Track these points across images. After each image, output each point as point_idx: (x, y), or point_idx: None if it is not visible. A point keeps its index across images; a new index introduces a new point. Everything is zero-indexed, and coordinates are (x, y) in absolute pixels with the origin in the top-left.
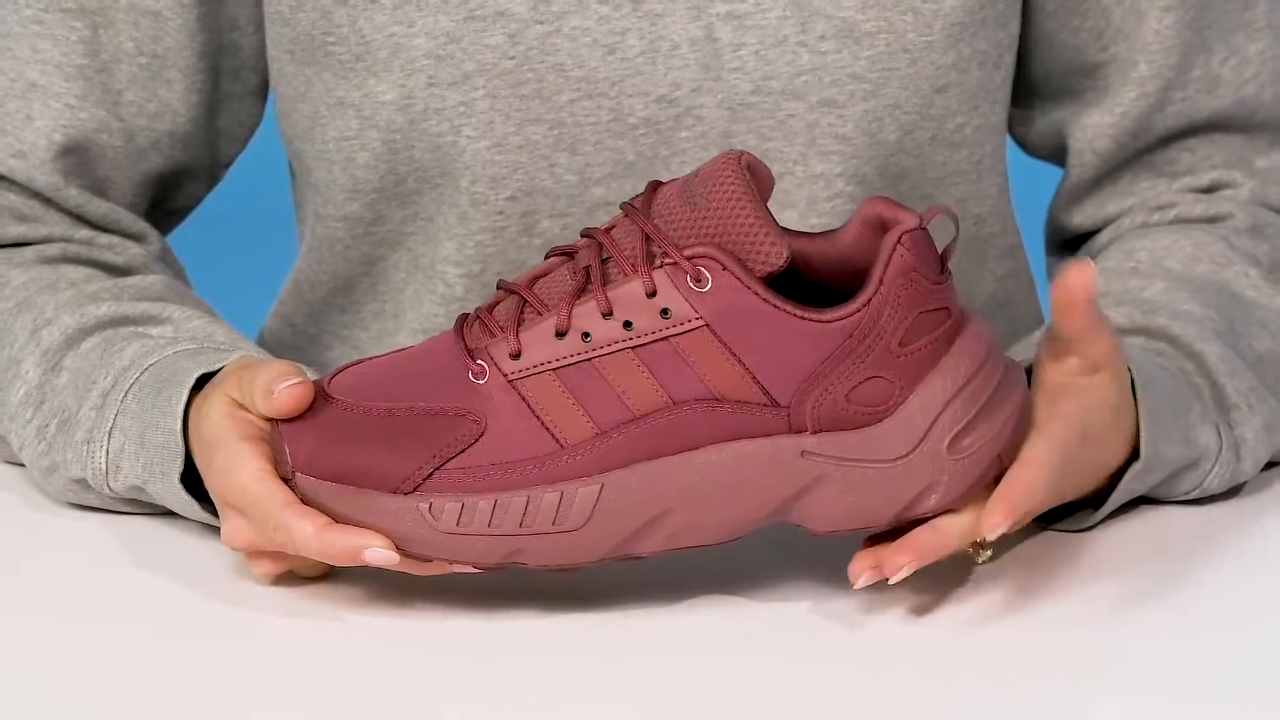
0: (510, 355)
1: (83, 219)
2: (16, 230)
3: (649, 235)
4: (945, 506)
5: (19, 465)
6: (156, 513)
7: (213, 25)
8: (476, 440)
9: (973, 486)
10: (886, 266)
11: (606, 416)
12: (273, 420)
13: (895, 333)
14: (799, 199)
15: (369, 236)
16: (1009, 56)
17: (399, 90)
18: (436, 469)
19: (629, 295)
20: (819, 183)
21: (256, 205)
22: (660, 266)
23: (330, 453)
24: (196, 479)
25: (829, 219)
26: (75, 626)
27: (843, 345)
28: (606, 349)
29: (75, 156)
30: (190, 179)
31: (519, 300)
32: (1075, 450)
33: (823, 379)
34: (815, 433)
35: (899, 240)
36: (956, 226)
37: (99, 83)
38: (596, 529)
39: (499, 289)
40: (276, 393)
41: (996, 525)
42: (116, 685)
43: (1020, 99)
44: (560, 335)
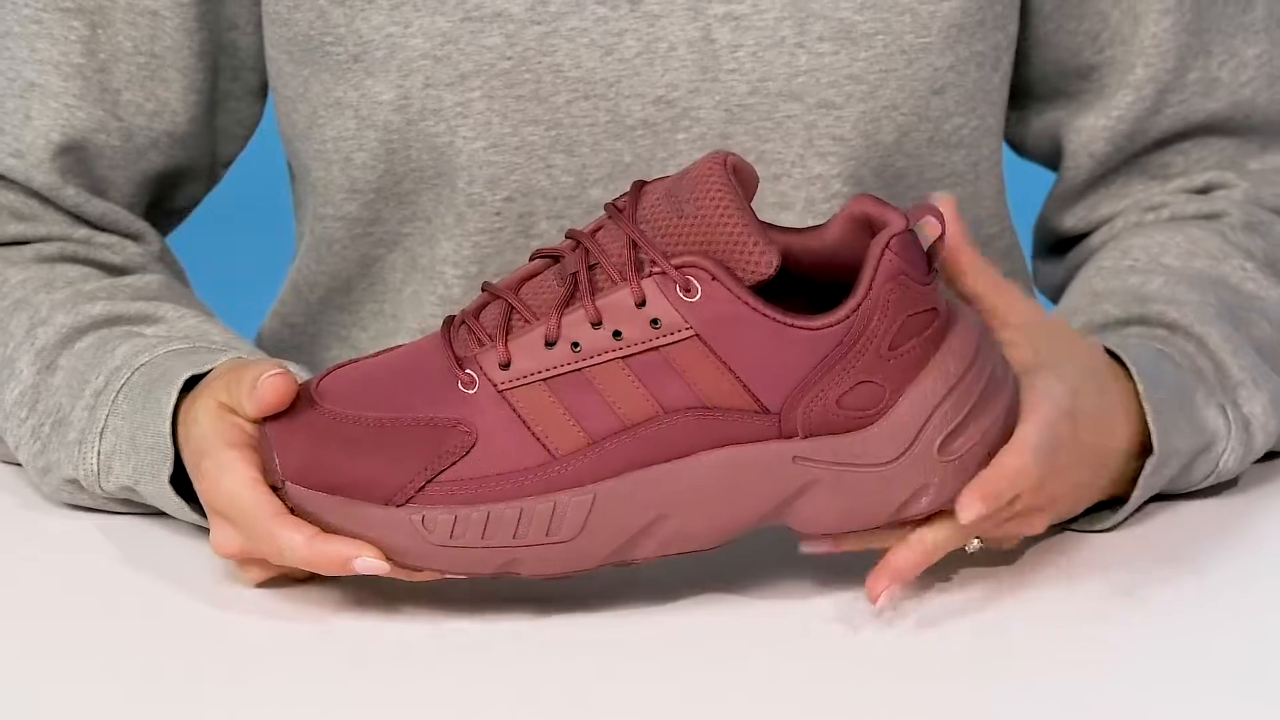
0: (500, 365)
1: (81, 218)
2: (15, 229)
3: (636, 242)
4: (937, 508)
5: (15, 465)
6: (149, 513)
7: (211, 25)
8: (468, 452)
9: (965, 487)
10: (875, 272)
11: (598, 426)
12: (262, 428)
13: (885, 337)
14: (796, 200)
15: (367, 237)
16: (1007, 58)
17: (396, 91)
18: (429, 481)
19: (618, 305)
20: (816, 184)
21: (256, 205)
22: (649, 275)
23: (320, 463)
24: (187, 480)
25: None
26: (67, 626)
27: (833, 352)
28: (596, 359)
29: (73, 156)
30: (189, 179)
31: (506, 306)
32: (1064, 428)
33: (813, 386)
34: (806, 437)
35: (886, 245)
36: (943, 224)
37: (97, 82)
38: (590, 538)
39: (484, 291)
40: (260, 383)
41: (971, 510)
42: (109, 685)
43: (1015, 101)
44: (550, 345)
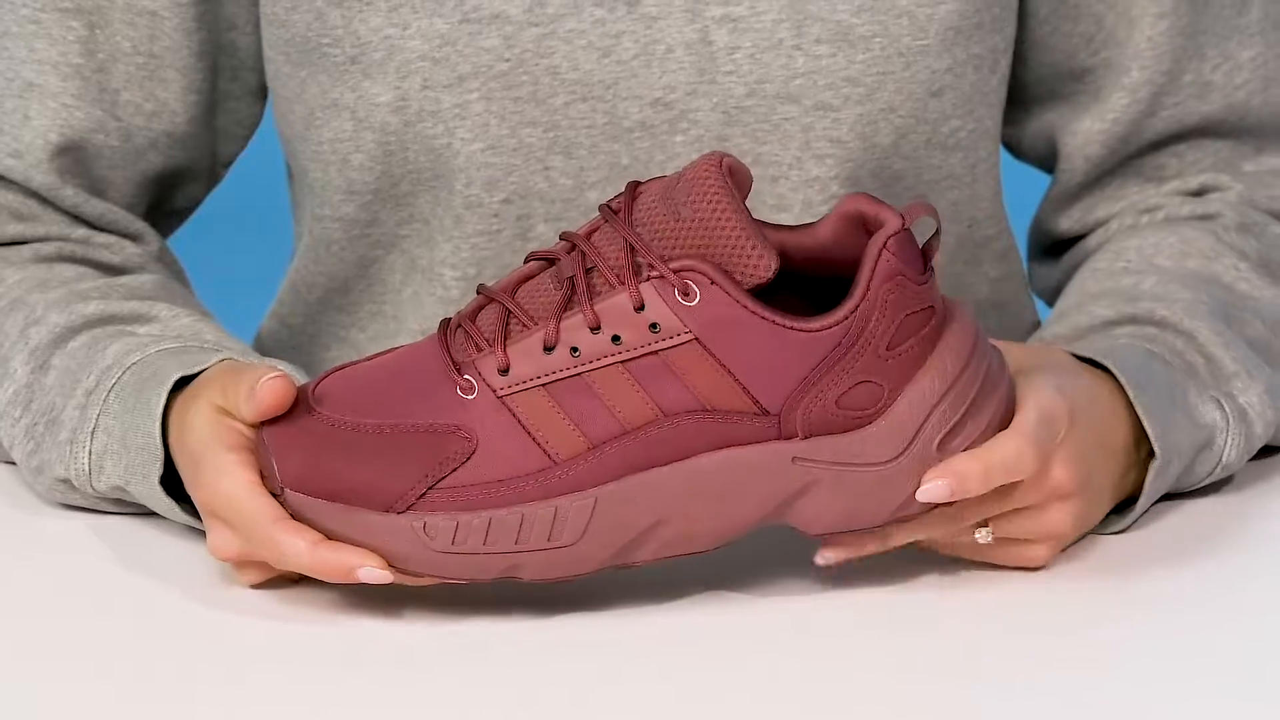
0: (498, 370)
1: (79, 218)
2: (13, 229)
3: (633, 246)
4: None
5: (8, 464)
6: (142, 513)
7: (210, 25)
8: (468, 458)
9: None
10: (872, 272)
11: (597, 430)
12: (259, 435)
13: (883, 337)
14: (794, 202)
15: (365, 238)
16: (1004, 60)
17: (394, 92)
18: (430, 488)
19: (616, 309)
20: (814, 186)
21: (255, 205)
22: (647, 280)
23: (320, 470)
24: (177, 480)
25: None
26: (60, 627)
27: (832, 353)
28: (595, 363)
29: (72, 156)
30: (189, 179)
31: (503, 310)
32: (1060, 415)
33: (812, 387)
34: (806, 438)
35: (884, 245)
36: (938, 221)
37: (96, 82)
38: (591, 542)
39: (479, 294)
40: (258, 387)
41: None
42: (103, 685)
43: (1010, 103)
44: (549, 350)
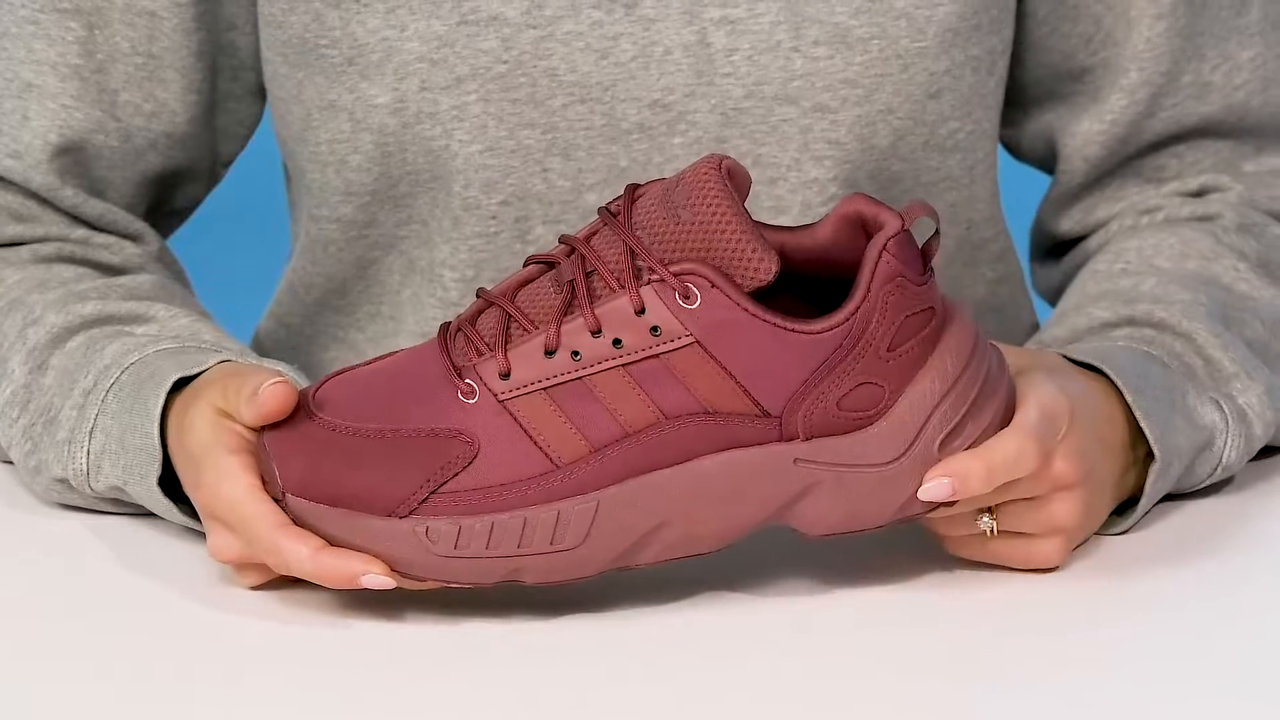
0: (499, 375)
1: (79, 219)
2: (13, 230)
3: (633, 249)
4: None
5: (6, 464)
6: (140, 513)
7: (210, 25)
8: (470, 463)
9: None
10: (873, 274)
11: (599, 434)
12: (260, 439)
13: (884, 338)
14: (792, 204)
15: (362, 239)
16: (1002, 62)
17: (391, 94)
18: (432, 493)
19: (617, 312)
20: (812, 188)
21: (254, 205)
22: (648, 283)
23: (322, 475)
24: (176, 481)
25: None
26: (59, 627)
27: (832, 355)
28: (597, 367)
29: (71, 157)
30: (189, 179)
31: (503, 315)
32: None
33: (813, 388)
34: (807, 440)
35: (884, 247)
36: (937, 221)
37: (95, 83)
38: (594, 546)
39: (479, 297)
40: (261, 391)
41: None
42: (102, 685)
43: (1009, 104)
44: (549, 354)
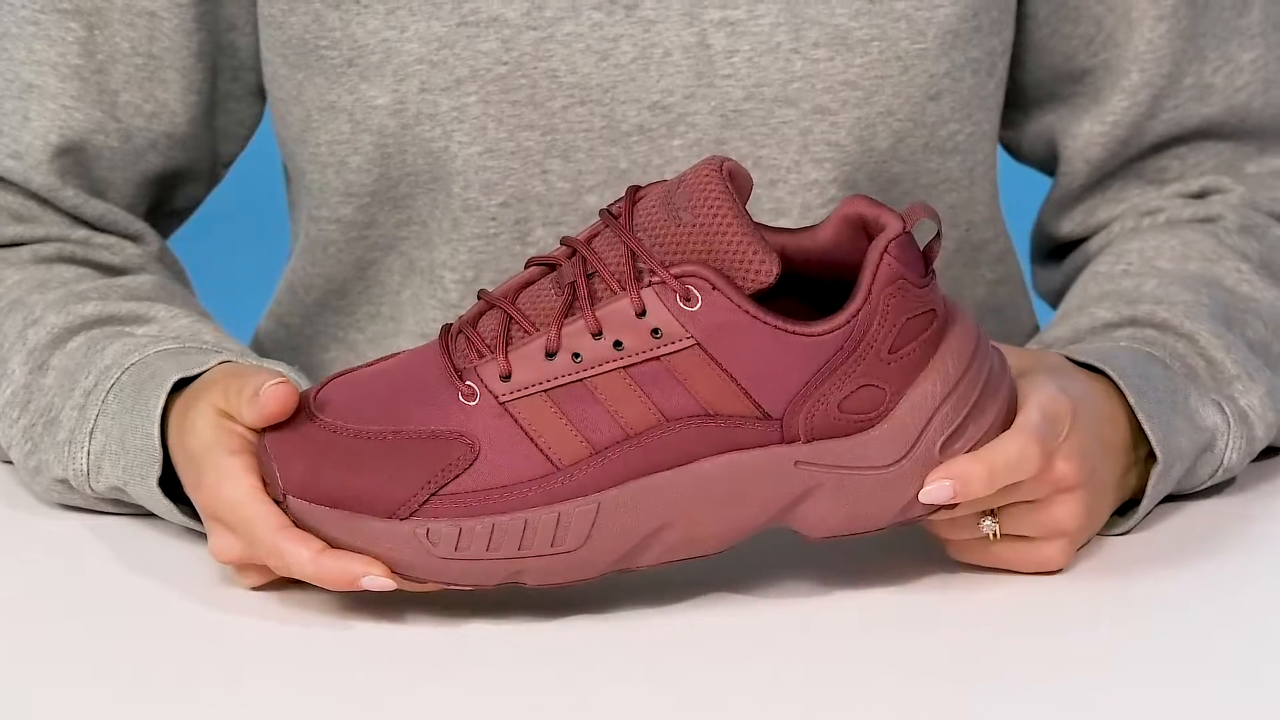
0: (500, 376)
1: (79, 219)
2: (13, 230)
3: (634, 251)
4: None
5: (8, 464)
6: (140, 513)
7: (210, 25)
8: (471, 464)
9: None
10: (874, 276)
11: (600, 436)
12: (261, 441)
13: (885, 340)
14: (792, 206)
15: (362, 240)
16: (1002, 64)
17: (391, 95)
18: (433, 494)
19: (618, 314)
20: (812, 190)
21: (254, 205)
22: (649, 285)
23: (323, 477)
24: (176, 481)
25: None
26: (59, 627)
27: (834, 357)
28: (598, 369)
29: (72, 157)
30: (190, 179)
31: (504, 317)
32: (1063, 413)
33: (815, 391)
34: (808, 442)
35: (885, 249)
36: (938, 223)
37: (95, 83)
38: (594, 548)
39: (480, 299)
40: (262, 392)
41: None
42: (102, 686)
43: (1010, 105)
44: (550, 356)
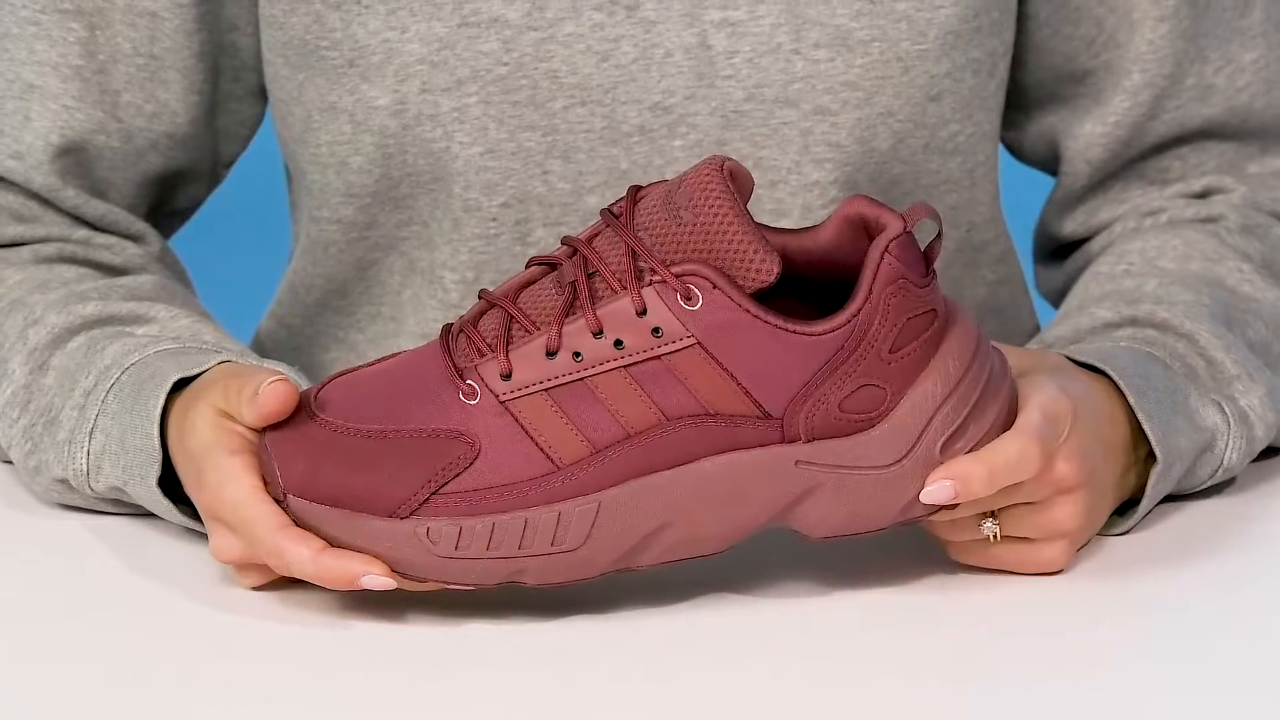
0: (501, 375)
1: (80, 219)
2: (14, 230)
3: (635, 250)
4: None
5: (8, 464)
6: (140, 513)
7: (211, 26)
8: (471, 463)
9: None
10: (874, 276)
11: (600, 435)
12: (262, 440)
13: (885, 340)
14: (793, 207)
15: (363, 240)
16: (1003, 64)
17: (392, 95)
18: (433, 493)
19: (619, 314)
20: (812, 191)
21: (255, 205)
22: (649, 284)
23: (323, 476)
24: (176, 481)
25: None
26: (59, 627)
27: (834, 357)
28: (598, 368)
29: (73, 157)
30: (191, 180)
31: (505, 316)
32: (1063, 413)
33: (815, 390)
34: (809, 442)
35: (886, 248)
36: (939, 223)
37: (96, 84)
38: (595, 547)
39: (480, 299)
40: (261, 391)
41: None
42: (102, 685)
43: (1011, 106)
44: (551, 355)
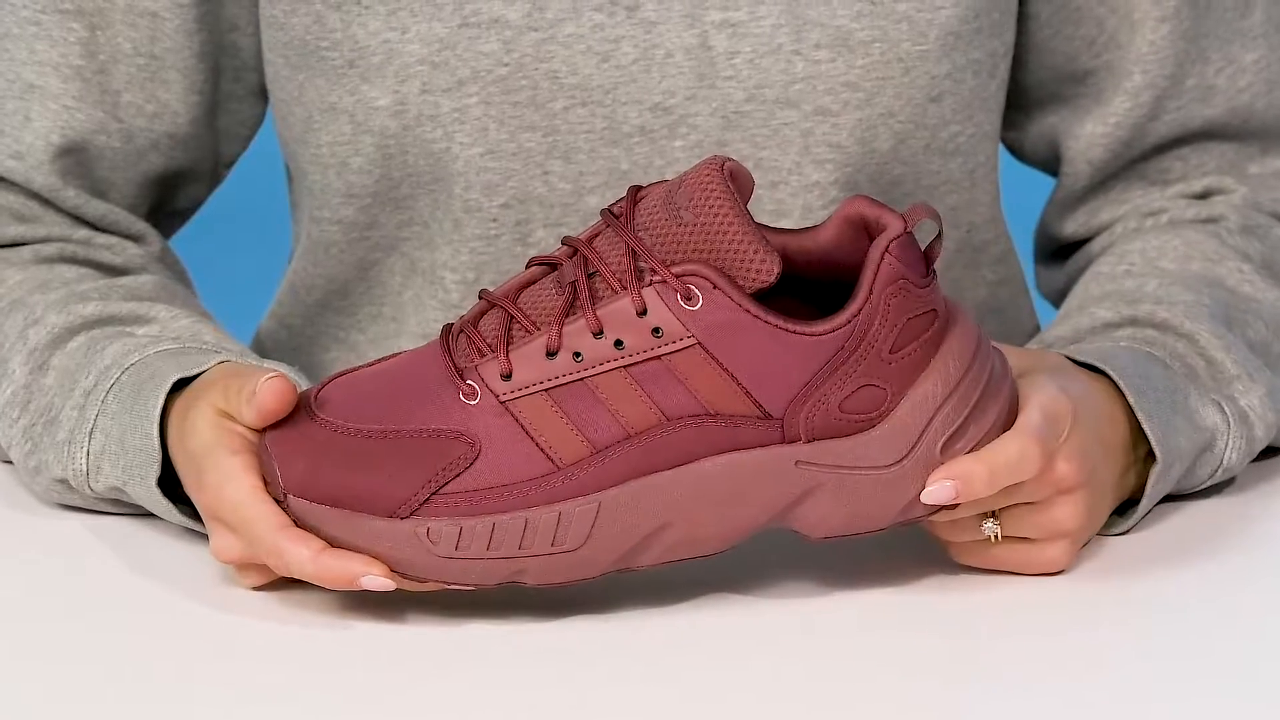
0: (501, 376)
1: (81, 219)
2: (15, 230)
3: (635, 250)
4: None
5: (8, 464)
6: (140, 513)
7: (212, 26)
8: (472, 463)
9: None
10: (875, 276)
11: (600, 435)
12: (261, 440)
13: (886, 340)
14: (793, 208)
15: (364, 241)
16: (1003, 65)
17: (392, 96)
18: (433, 494)
19: (619, 314)
20: (813, 191)
21: (255, 206)
22: (650, 284)
23: (323, 476)
24: (175, 481)
25: None
26: (59, 627)
27: (835, 357)
28: (598, 368)
29: (73, 157)
30: (191, 180)
31: (505, 316)
32: (1063, 413)
33: (815, 391)
34: (809, 442)
35: (886, 249)
36: (939, 223)
37: (97, 84)
38: (595, 547)
39: (481, 299)
40: (259, 389)
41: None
42: (102, 685)
43: (1012, 106)
44: (551, 355)
